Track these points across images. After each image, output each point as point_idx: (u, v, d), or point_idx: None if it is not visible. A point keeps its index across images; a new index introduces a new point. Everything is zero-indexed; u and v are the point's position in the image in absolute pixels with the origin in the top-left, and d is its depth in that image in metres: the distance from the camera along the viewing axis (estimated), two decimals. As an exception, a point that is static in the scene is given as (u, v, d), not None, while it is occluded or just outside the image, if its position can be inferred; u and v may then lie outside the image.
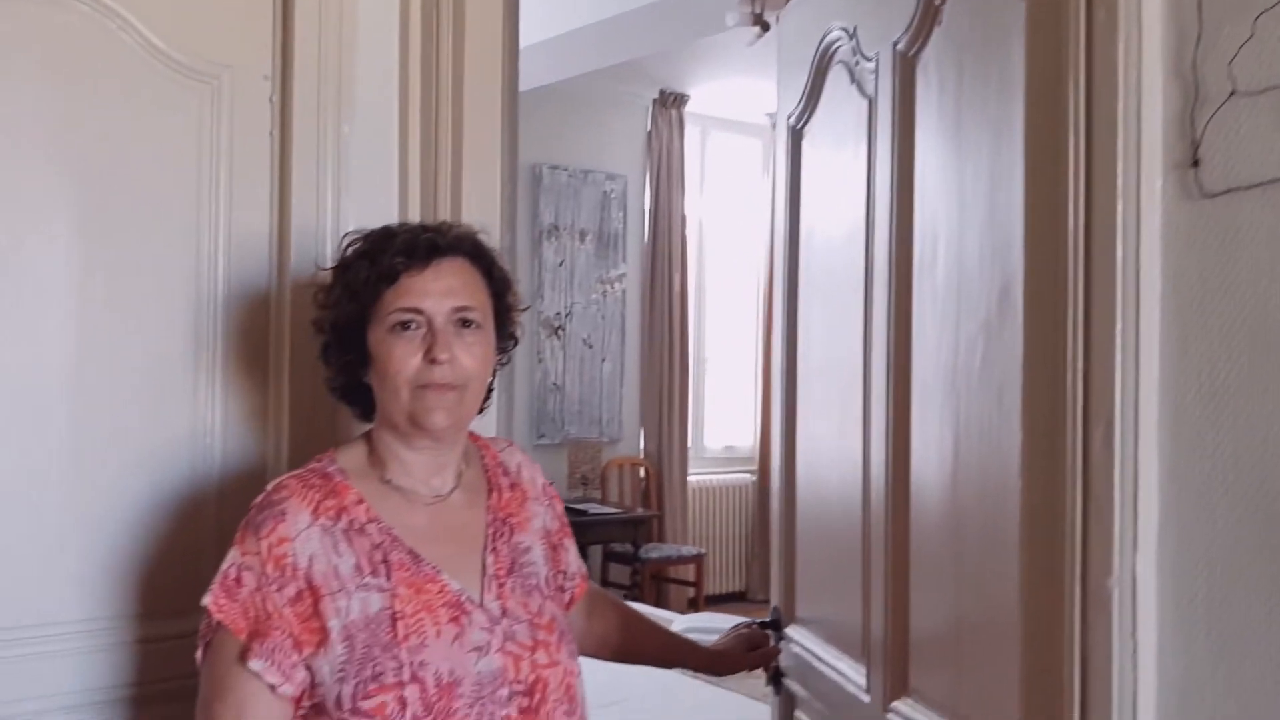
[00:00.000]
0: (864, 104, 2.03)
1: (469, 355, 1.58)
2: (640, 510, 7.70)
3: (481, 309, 1.62)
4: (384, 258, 1.58)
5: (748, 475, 8.41)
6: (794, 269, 2.42)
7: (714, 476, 8.35)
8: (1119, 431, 1.15)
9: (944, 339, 1.74)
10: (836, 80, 2.21)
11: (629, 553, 7.26)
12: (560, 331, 7.64)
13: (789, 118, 2.44)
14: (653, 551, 7.41)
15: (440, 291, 1.57)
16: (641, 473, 7.98)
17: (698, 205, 8.35)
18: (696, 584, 7.66)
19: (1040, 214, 1.25)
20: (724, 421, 8.57)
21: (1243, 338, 1.11)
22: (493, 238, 1.73)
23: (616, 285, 7.93)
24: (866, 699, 1.99)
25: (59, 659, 1.78)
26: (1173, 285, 1.16)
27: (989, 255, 1.59)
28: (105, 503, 1.82)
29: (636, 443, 8.07)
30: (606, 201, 7.85)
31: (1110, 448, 1.16)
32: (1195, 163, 1.16)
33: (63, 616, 1.78)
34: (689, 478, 8.10)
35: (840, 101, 2.18)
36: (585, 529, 6.77)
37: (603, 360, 7.86)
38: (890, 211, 1.92)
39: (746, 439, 8.54)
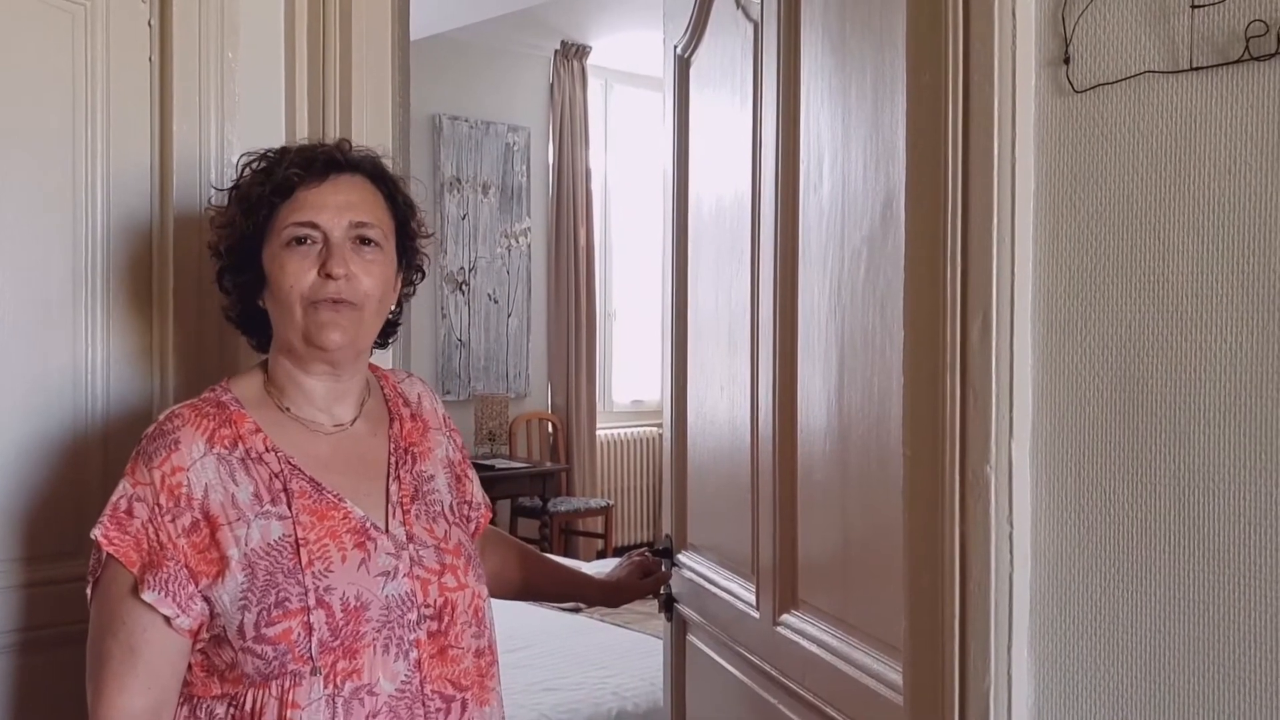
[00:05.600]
0: (750, 28, 2.03)
1: (367, 274, 1.53)
2: (549, 464, 7.69)
3: (381, 228, 1.56)
4: (279, 170, 1.53)
5: (655, 429, 8.44)
6: (683, 200, 2.42)
7: (622, 430, 8.37)
8: (995, 323, 1.18)
9: (829, 256, 1.75)
10: (723, 5, 2.21)
11: (537, 506, 7.25)
12: (465, 287, 7.56)
13: (676, 46, 2.44)
14: (561, 504, 7.42)
15: (338, 206, 1.52)
16: (550, 428, 7.97)
17: (602, 159, 8.32)
18: (605, 535, 7.70)
19: (921, 117, 1.27)
20: (632, 375, 8.58)
21: (1108, 228, 1.15)
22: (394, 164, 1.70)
23: (521, 239, 7.86)
24: (756, 615, 2.02)
25: (-59, 604, 1.73)
26: (1046, 180, 1.19)
27: (873, 167, 1.61)
28: (-18, 445, 1.77)
29: (544, 398, 8.05)
30: (509, 154, 7.76)
31: (987, 340, 1.18)
32: (1066, 60, 1.18)
33: (-57, 561, 1.74)
34: (597, 431, 8.10)
35: (726, 26, 2.18)
36: (493, 484, 6.74)
37: (509, 315, 7.81)
38: (776, 135, 1.92)
39: (654, 393, 8.55)
